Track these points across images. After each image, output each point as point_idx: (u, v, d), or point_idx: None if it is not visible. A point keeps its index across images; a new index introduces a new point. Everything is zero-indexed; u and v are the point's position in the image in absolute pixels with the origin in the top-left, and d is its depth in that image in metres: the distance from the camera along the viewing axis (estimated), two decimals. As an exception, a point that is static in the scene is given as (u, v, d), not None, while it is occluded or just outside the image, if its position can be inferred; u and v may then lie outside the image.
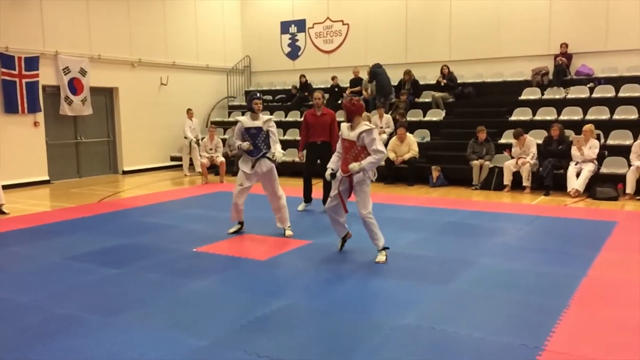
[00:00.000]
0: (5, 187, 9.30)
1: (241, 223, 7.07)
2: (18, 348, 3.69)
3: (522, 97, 12.54)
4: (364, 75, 14.53)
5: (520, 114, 11.97)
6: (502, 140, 11.37)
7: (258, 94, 6.78)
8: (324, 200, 7.81)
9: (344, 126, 5.76)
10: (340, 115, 14.09)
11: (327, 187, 7.49)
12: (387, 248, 5.75)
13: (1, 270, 5.56)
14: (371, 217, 5.63)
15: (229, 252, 6.12)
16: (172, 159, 14.99)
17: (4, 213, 8.69)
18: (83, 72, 12.95)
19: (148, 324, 4.07)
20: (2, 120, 11.55)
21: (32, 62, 11.91)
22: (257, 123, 6.69)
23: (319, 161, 8.29)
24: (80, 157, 13.43)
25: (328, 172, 5.83)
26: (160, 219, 8.03)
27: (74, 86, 12.81)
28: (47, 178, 12.39)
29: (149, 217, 8.18)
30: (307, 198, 8.59)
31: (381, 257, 5.67)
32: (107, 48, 13.50)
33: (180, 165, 14.35)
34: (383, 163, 11.64)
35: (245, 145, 6.68)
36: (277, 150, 6.71)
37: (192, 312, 4.33)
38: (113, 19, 13.63)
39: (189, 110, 14.00)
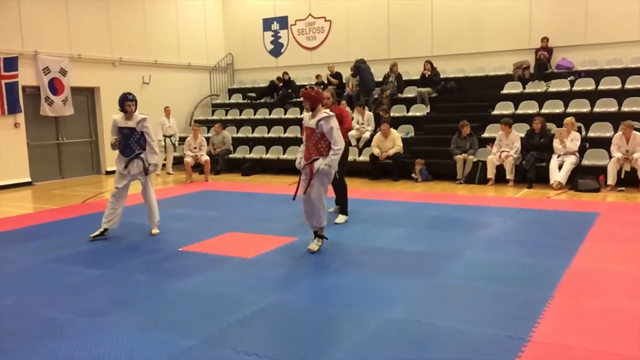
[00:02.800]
0: (-15, 190, 9.17)
1: (106, 230, 6.73)
2: (3, 352, 3.65)
3: (504, 91, 12.64)
4: (340, 71, 14.56)
5: (503, 108, 12.07)
6: (485, 135, 11.45)
7: (130, 95, 6.58)
8: (336, 201, 7.69)
9: (306, 114, 5.88)
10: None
11: (336, 187, 7.40)
12: (326, 238, 5.94)
13: (-17, 274, 5.48)
14: (323, 205, 5.78)
15: (215, 250, 6.10)
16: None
17: (-15, 216, 8.58)
18: (63, 72, 12.80)
19: (135, 325, 4.05)
20: (-18, 122, 11.39)
21: (11, 63, 11.73)
22: (130, 123, 6.59)
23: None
24: (63, 158, 13.28)
25: (297, 162, 6.03)
26: (145, 218, 7.96)
27: (55, 86, 12.66)
28: (29, 179, 12.24)
29: (133, 218, 8.09)
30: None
31: (314, 246, 5.86)
32: (88, 47, 13.34)
33: (164, 165, 14.24)
34: (367, 159, 11.71)
35: (112, 139, 6.67)
36: (152, 163, 6.75)
37: (179, 312, 4.31)
38: (93, 17, 13.47)
39: (166, 108, 13.90)
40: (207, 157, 12.33)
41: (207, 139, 13.42)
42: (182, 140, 14.13)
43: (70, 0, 12.90)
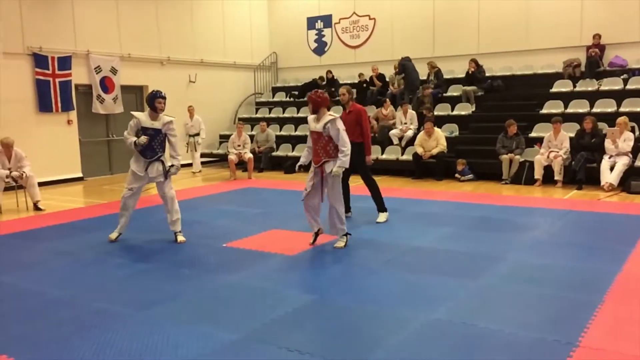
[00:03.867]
0: (40, 184, 9.53)
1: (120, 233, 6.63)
2: (56, 341, 3.79)
3: (554, 89, 12.30)
4: (384, 70, 14.47)
5: (552, 107, 11.75)
6: (533, 134, 11.17)
7: (162, 93, 6.34)
8: (374, 201, 7.62)
9: (310, 118, 5.96)
10: (370, 111, 14.10)
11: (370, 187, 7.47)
12: (349, 234, 6.08)
13: (37, 266, 5.71)
14: (341, 205, 5.96)
15: (258, 247, 6.17)
16: (202, 155, 15.12)
17: (39, 209, 8.93)
18: (114, 71, 13.19)
19: (180, 318, 4.14)
20: (37, 119, 11.85)
21: (64, 62, 12.18)
22: (156, 124, 6.33)
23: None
24: (112, 154, 13.67)
25: (297, 166, 6.19)
26: (190, 214, 8.12)
27: (106, 85, 13.06)
28: (80, 175, 12.67)
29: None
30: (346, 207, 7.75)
31: (340, 243, 5.98)
32: (137, 47, 13.71)
33: (211, 162, 14.49)
34: (410, 158, 11.61)
35: (144, 139, 6.24)
36: (174, 164, 6.46)
37: (223, 307, 4.38)
38: (142, 18, 13.83)
39: (189, 107, 13.77)
40: (250, 155, 12.48)
41: (251, 136, 13.57)
42: (225, 137, 14.35)
43: (121, 1, 13.28)
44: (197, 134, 13.74)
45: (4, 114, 10.99)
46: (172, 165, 6.49)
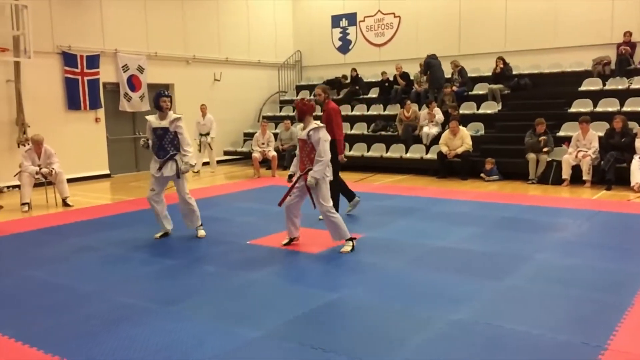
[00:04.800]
0: (69, 181, 9.72)
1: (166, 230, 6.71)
2: (84, 335, 3.86)
3: (582, 88, 12.07)
4: (408, 69, 14.37)
5: (581, 106, 11.54)
6: (561, 133, 10.99)
7: (166, 92, 6.43)
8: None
9: (298, 126, 6.04)
10: (394, 109, 14.01)
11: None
12: (354, 239, 5.91)
13: (66, 261, 5.82)
14: (332, 212, 5.78)
15: (281, 245, 6.18)
16: (226, 153, 15.27)
17: (68, 205, 9.10)
18: (141, 69, 13.37)
19: (204, 314, 4.18)
20: (66, 117, 12.08)
21: (93, 60, 12.38)
22: (164, 123, 6.35)
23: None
24: (138, 152, 13.85)
25: (288, 175, 6.12)
26: (214, 211, 8.20)
27: (133, 83, 13.24)
28: (107, 172, 12.88)
29: (203, 210, 8.29)
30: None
31: (347, 248, 5.82)
32: (163, 45, 13.87)
33: (235, 160, 14.54)
34: (435, 157, 11.52)
35: (141, 141, 6.57)
36: (185, 162, 6.41)
37: (246, 303, 4.41)
38: (169, 17, 13.99)
39: (202, 106, 13.53)
40: (274, 153, 12.53)
41: (275, 134, 13.62)
42: (250, 135, 14.42)
43: (148, 0, 13.45)
44: (208, 133, 13.43)
45: (34, 112, 11.23)
46: (184, 163, 6.45)
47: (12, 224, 7.79)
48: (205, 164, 13.72)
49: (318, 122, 5.95)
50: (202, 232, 6.65)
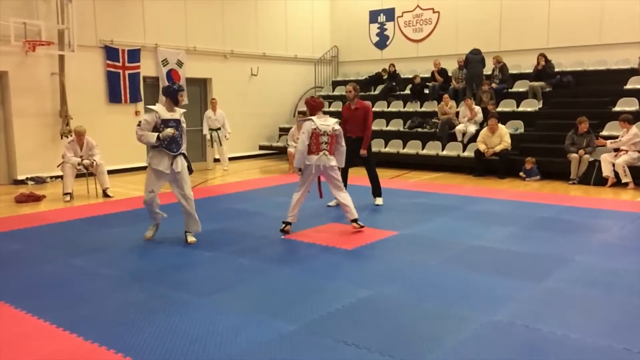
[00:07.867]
0: (109, 172, 9.95)
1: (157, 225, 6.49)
2: (122, 323, 3.94)
3: (628, 86, 11.70)
4: (447, 65, 14.16)
5: (625, 104, 11.18)
6: (604, 132, 10.67)
7: (182, 86, 6.26)
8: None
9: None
10: (432, 106, 13.85)
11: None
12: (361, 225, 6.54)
13: (106, 250, 5.96)
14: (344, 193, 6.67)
15: (316, 240, 6.20)
16: (261, 147, 15.37)
17: (108, 196, 9.32)
18: (180, 64, 13.56)
19: (239, 306, 4.22)
20: (107, 110, 12.36)
21: (134, 55, 12.63)
22: (176, 115, 6.08)
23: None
24: (176, 145, 14.02)
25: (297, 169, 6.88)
26: (249, 205, 8.27)
27: (172, 77, 13.44)
28: (146, 165, 13.07)
29: (238, 204, 8.45)
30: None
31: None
32: (202, 40, 14.04)
33: (271, 154, 14.59)
34: (472, 154, 11.34)
35: (170, 131, 5.91)
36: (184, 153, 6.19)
37: (281, 297, 4.43)
38: (208, 12, 14.15)
39: (212, 100, 13.30)
40: (309, 148, 12.50)
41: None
42: (285, 130, 14.45)
43: (188, -5, 13.65)
44: (219, 129, 13.04)
45: (77, 104, 11.52)
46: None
47: (54, 213, 8.03)
48: (216, 160, 13.60)
49: (327, 115, 6.64)
50: (191, 239, 6.20)
